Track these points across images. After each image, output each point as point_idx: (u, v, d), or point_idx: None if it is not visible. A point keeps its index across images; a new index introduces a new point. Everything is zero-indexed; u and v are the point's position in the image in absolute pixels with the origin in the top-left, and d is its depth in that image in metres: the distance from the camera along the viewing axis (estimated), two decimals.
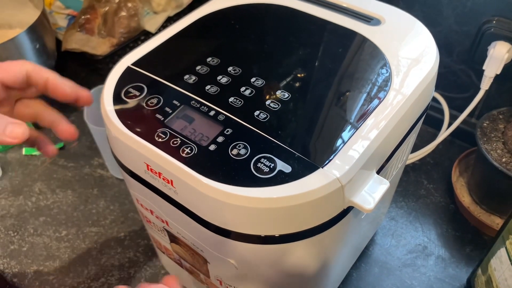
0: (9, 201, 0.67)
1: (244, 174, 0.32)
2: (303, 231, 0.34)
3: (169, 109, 0.37)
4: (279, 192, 0.31)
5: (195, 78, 0.40)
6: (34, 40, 0.70)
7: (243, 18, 0.47)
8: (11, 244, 0.62)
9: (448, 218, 0.64)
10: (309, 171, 0.32)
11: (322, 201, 0.32)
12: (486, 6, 0.60)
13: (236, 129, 0.35)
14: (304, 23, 0.46)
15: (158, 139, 0.35)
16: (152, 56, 0.43)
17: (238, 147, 0.34)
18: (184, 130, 0.36)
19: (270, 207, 0.31)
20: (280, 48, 0.43)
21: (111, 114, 0.37)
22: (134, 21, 0.84)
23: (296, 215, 0.32)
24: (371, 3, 0.49)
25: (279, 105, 0.37)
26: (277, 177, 0.32)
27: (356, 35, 0.44)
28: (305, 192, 0.31)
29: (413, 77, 0.40)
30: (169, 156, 0.34)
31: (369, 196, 0.34)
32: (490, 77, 0.62)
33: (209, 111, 0.37)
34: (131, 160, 0.37)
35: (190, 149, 0.34)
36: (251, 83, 0.39)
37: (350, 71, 0.41)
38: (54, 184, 0.69)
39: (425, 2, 0.65)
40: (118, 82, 0.40)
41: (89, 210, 0.66)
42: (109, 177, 0.70)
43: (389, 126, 0.36)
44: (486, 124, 0.60)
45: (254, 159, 0.33)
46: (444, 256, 0.59)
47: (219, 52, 0.43)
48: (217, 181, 0.32)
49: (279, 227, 0.33)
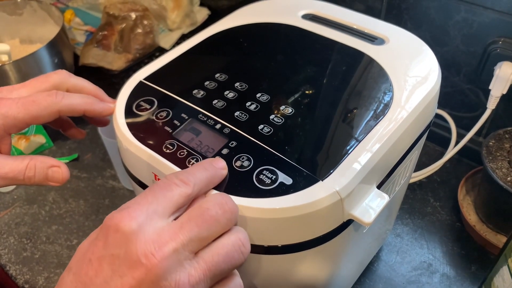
0: (23, 209, 0.69)
1: (246, 185, 0.34)
2: (303, 241, 0.35)
3: (177, 122, 0.39)
4: (280, 203, 0.32)
5: (203, 93, 0.41)
6: (53, 55, 0.73)
7: (251, 36, 0.49)
8: (24, 251, 0.64)
9: (454, 236, 0.64)
10: (309, 183, 0.33)
11: (322, 213, 0.33)
12: (492, 27, 0.62)
13: (240, 142, 0.37)
14: (309, 42, 0.48)
15: (166, 150, 0.37)
16: (164, 72, 0.45)
17: (241, 159, 0.35)
18: (191, 142, 0.37)
19: (271, 217, 0.32)
20: (285, 66, 0.45)
21: (122, 126, 0.39)
22: (150, 38, 0.87)
23: (296, 226, 0.34)
24: (376, 23, 0.50)
25: (282, 120, 0.38)
26: (278, 188, 0.33)
27: (359, 53, 0.46)
28: (305, 204, 0.32)
29: (415, 94, 0.41)
30: (175, 167, 0.35)
31: (368, 210, 0.35)
32: (497, 96, 0.62)
33: (215, 124, 0.38)
34: (140, 170, 0.39)
35: (196, 160, 0.36)
36: (257, 99, 0.40)
37: (352, 88, 0.42)
38: (67, 194, 0.71)
39: (432, 22, 0.66)
40: (130, 95, 0.42)
41: (100, 220, 0.67)
42: (120, 188, 0.72)
43: (390, 141, 0.37)
44: (492, 143, 0.61)
45: (257, 171, 0.34)
46: (449, 274, 0.59)
47: (227, 68, 0.44)
48: (219, 190, 0.33)
49: (279, 237, 0.34)
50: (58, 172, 0.36)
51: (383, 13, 0.71)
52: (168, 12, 0.91)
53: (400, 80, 0.42)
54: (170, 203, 0.28)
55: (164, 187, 0.28)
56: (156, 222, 0.26)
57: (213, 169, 0.32)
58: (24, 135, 0.76)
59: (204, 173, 0.31)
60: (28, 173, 0.35)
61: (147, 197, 0.27)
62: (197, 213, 0.27)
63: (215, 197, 0.29)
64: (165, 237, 0.26)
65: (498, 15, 0.60)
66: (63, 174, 0.37)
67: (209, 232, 0.27)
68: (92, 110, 0.39)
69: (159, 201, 0.27)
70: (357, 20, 0.51)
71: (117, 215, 0.26)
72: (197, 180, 0.30)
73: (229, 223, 0.29)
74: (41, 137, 0.77)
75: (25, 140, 0.76)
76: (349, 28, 0.49)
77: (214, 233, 0.28)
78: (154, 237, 0.26)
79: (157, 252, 0.25)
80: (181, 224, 0.27)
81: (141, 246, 0.25)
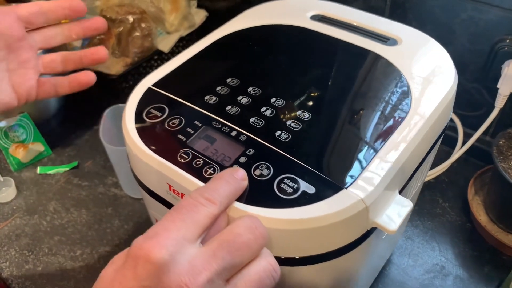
0: (24, 220, 0.67)
1: (267, 195, 0.32)
2: (325, 253, 0.34)
3: (190, 130, 0.37)
4: (304, 213, 0.31)
5: (216, 99, 0.40)
6: None
7: (260, 39, 0.48)
8: (26, 263, 0.62)
9: (465, 237, 0.63)
10: (333, 192, 0.32)
11: (347, 223, 0.32)
12: (499, 25, 0.61)
13: (258, 150, 0.35)
14: (321, 44, 0.46)
15: (180, 160, 0.35)
16: (172, 77, 0.43)
17: (260, 168, 0.34)
18: (206, 150, 0.36)
19: (295, 228, 0.31)
20: (298, 69, 0.44)
21: (133, 135, 0.37)
22: (148, 41, 0.85)
23: (319, 237, 0.32)
24: (386, 23, 0.49)
25: (300, 125, 0.37)
26: (301, 198, 0.32)
27: (374, 55, 0.44)
28: (330, 214, 0.31)
29: (433, 97, 0.40)
30: (192, 177, 0.34)
31: (392, 217, 0.34)
32: (505, 95, 0.62)
33: (230, 131, 0.37)
34: (153, 181, 0.37)
35: (213, 170, 0.34)
36: (271, 103, 0.39)
37: (370, 91, 0.41)
38: (68, 203, 0.69)
39: (438, 21, 0.66)
40: (139, 103, 0.40)
41: (104, 230, 0.66)
42: (123, 196, 0.70)
43: (412, 146, 0.36)
44: (502, 143, 0.60)
45: (277, 179, 0.33)
46: (463, 276, 0.59)
47: (238, 72, 0.43)
48: (241, 202, 0.32)
49: (300, 249, 0.33)
50: None
51: (387, 12, 0.71)
52: (166, 14, 0.89)
53: (417, 82, 0.41)
54: (199, 227, 0.27)
55: (191, 209, 0.27)
56: (187, 250, 0.25)
57: (235, 182, 0.31)
58: (22, 143, 0.74)
59: (227, 187, 0.30)
60: None
61: (175, 222, 0.26)
62: (229, 239, 0.26)
63: (246, 221, 0.27)
64: (198, 267, 0.25)
65: (505, 12, 0.59)
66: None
67: (242, 259, 0.27)
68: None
69: (188, 225, 0.26)
70: (366, 20, 0.50)
71: (146, 244, 0.25)
72: (222, 198, 0.29)
73: (260, 248, 0.27)
74: (40, 145, 0.75)
75: (23, 148, 0.74)
76: (359, 28, 0.48)
77: (246, 260, 0.27)
78: (187, 267, 0.25)
79: (191, 283, 0.24)
80: (213, 252, 0.26)
81: (175, 277, 0.24)
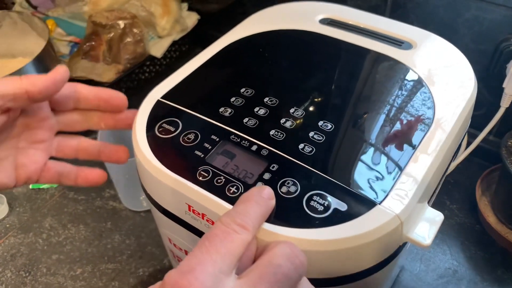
0: (18, 239, 0.64)
1: (297, 214, 0.30)
2: (358, 272, 0.32)
3: (208, 145, 0.35)
4: (339, 233, 0.29)
5: (231, 111, 0.38)
6: (41, 70, 0.68)
7: (271, 45, 0.46)
8: (24, 285, 0.59)
9: (475, 240, 0.62)
10: (366, 208, 0.31)
11: (382, 240, 0.30)
12: (503, 25, 0.60)
13: (282, 165, 0.33)
14: (334, 49, 0.45)
15: (200, 178, 0.33)
16: (182, 89, 0.41)
17: (287, 184, 0.32)
18: (226, 167, 0.34)
19: (331, 249, 0.29)
20: (315, 76, 0.42)
21: (147, 153, 0.35)
22: (140, 47, 0.83)
23: (354, 256, 0.31)
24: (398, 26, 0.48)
25: (323, 137, 0.35)
26: (333, 216, 0.30)
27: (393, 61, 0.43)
28: (366, 232, 0.29)
29: (456, 103, 0.39)
30: (214, 197, 0.32)
31: (425, 231, 0.33)
32: (511, 95, 0.61)
33: (250, 145, 0.35)
34: (170, 201, 0.35)
35: (236, 188, 0.32)
36: (291, 114, 0.37)
37: (392, 100, 0.39)
38: (65, 218, 0.66)
39: (441, 21, 0.65)
40: (149, 117, 0.38)
41: (104, 246, 0.63)
42: (122, 209, 0.67)
43: (440, 154, 0.35)
44: (511, 143, 0.59)
45: (306, 196, 0.31)
46: (476, 280, 0.58)
47: (252, 82, 0.41)
48: (269, 222, 0.30)
49: (334, 270, 0.31)
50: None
51: (387, 13, 0.69)
52: (157, 18, 0.87)
53: (438, 89, 0.40)
54: (234, 258, 0.25)
55: (225, 238, 0.25)
56: (225, 285, 0.23)
57: (264, 202, 0.29)
58: None
59: (258, 209, 0.28)
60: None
61: (210, 253, 0.24)
62: (269, 272, 0.24)
63: (285, 250, 0.25)
64: None
65: (510, 11, 0.59)
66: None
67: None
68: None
69: (223, 257, 0.24)
70: (376, 23, 0.48)
71: (183, 281, 0.23)
72: (254, 222, 0.27)
73: (299, 278, 0.26)
74: None
75: None
76: (371, 32, 0.47)
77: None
78: None
79: None
80: (254, 286, 0.24)
81: None
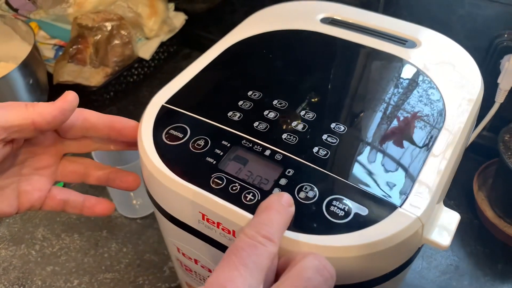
0: (10, 251, 0.62)
1: (318, 220, 0.30)
2: (378, 277, 0.31)
3: (219, 151, 0.34)
4: (362, 238, 0.29)
5: (240, 115, 0.37)
6: (27, 76, 0.66)
7: (274, 46, 0.45)
8: None
9: (474, 235, 0.63)
10: (387, 212, 0.30)
11: (404, 244, 0.30)
12: (497, 21, 0.61)
13: (298, 170, 0.33)
14: (339, 49, 0.44)
15: (214, 186, 0.32)
16: (186, 93, 0.40)
17: (305, 190, 0.31)
18: (239, 173, 0.33)
19: (354, 255, 0.29)
20: (322, 77, 0.41)
21: (156, 161, 0.34)
22: (128, 49, 0.81)
23: (376, 261, 0.30)
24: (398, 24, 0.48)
25: (337, 140, 0.35)
26: (354, 221, 0.30)
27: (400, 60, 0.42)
28: (389, 236, 0.29)
29: (465, 102, 0.39)
30: (231, 205, 0.31)
31: (443, 232, 0.32)
32: (506, 90, 0.61)
33: (263, 150, 0.34)
34: (181, 210, 0.34)
35: (253, 195, 0.31)
36: (302, 117, 0.36)
37: (402, 99, 0.39)
38: (58, 228, 0.64)
39: (434, 18, 0.65)
40: (155, 124, 0.37)
41: (101, 255, 0.61)
42: (117, 216, 0.66)
43: (454, 154, 0.35)
44: (507, 138, 0.60)
45: (326, 201, 0.31)
46: (478, 275, 0.58)
47: (258, 84, 0.40)
48: (289, 229, 0.29)
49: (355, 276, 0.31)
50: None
51: (380, 10, 0.69)
52: (144, 19, 0.85)
53: (447, 87, 0.40)
54: (262, 271, 0.24)
55: (251, 252, 0.24)
56: None
57: (285, 210, 0.28)
58: None
59: (280, 218, 0.27)
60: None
61: (238, 269, 0.23)
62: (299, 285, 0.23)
63: (313, 262, 0.25)
64: None
65: (503, 7, 0.59)
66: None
67: None
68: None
69: (252, 272, 0.23)
70: (377, 21, 0.48)
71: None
72: (278, 232, 0.26)
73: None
74: None
75: None
76: (374, 30, 0.46)
77: None
78: None
79: None
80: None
81: None
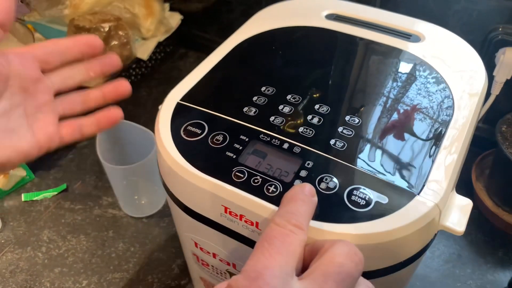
0: (16, 254, 0.61)
1: (341, 209, 0.31)
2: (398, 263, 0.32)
3: (238, 146, 0.35)
4: (385, 225, 0.30)
5: (256, 110, 0.38)
6: None
7: (283, 42, 0.46)
8: None
9: (474, 224, 0.64)
10: (406, 199, 0.31)
11: (423, 230, 0.31)
12: (491, 15, 0.62)
13: (317, 161, 0.33)
14: (347, 44, 0.45)
15: (236, 180, 0.33)
16: (200, 90, 0.40)
17: (325, 181, 0.32)
18: (259, 166, 0.34)
19: (376, 242, 0.30)
20: (333, 71, 0.42)
21: (177, 157, 0.34)
22: (127, 49, 0.81)
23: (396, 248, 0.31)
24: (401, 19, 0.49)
25: (352, 132, 0.36)
26: (375, 209, 0.31)
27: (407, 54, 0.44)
28: (410, 223, 0.30)
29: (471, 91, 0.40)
30: (254, 197, 0.32)
31: (458, 218, 0.34)
32: (501, 82, 0.63)
33: (281, 144, 0.35)
34: (203, 204, 0.34)
35: (275, 187, 0.32)
36: (316, 110, 0.37)
37: (412, 92, 0.40)
38: (63, 230, 0.64)
39: (430, 13, 0.66)
40: (172, 121, 0.37)
41: (108, 255, 0.61)
42: (122, 216, 0.66)
43: (465, 142, 0.36)
44: (504, 129, 0.62)
45: (347, 191, 0.31)
46: (480, 262, 0.60)
47: (270, 79, 0.41)
48: (313, 219, 0.30)
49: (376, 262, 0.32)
50: None
51: (377, 4, 0.70)
52: (141, 20, 0.85)
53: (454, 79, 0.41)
54: (295, 258, 0.25)
55: (284, 240, 0.25)
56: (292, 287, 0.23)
57: (309, 200, 0.28)
58: None
59: (306, 207, 0.28)
60: None
61: (274, 256, 0.24)
62: (333, 271, 0.24)
63: (343, 248, 0.25)
64: None
65: (497, 1, 0.61)
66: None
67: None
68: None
69: (286, 259, 0.24)
70: (380, 16, 0.49)
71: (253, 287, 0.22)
72: (306, 220, 0.27)
73: (359, 275, 0.26)
74: (21, 170, 0.69)
75: (3, 175, 0.67)
76: (378, 26, 0.47)
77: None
78: None
79: None
80: (320, 285, 0.24)
81: None
